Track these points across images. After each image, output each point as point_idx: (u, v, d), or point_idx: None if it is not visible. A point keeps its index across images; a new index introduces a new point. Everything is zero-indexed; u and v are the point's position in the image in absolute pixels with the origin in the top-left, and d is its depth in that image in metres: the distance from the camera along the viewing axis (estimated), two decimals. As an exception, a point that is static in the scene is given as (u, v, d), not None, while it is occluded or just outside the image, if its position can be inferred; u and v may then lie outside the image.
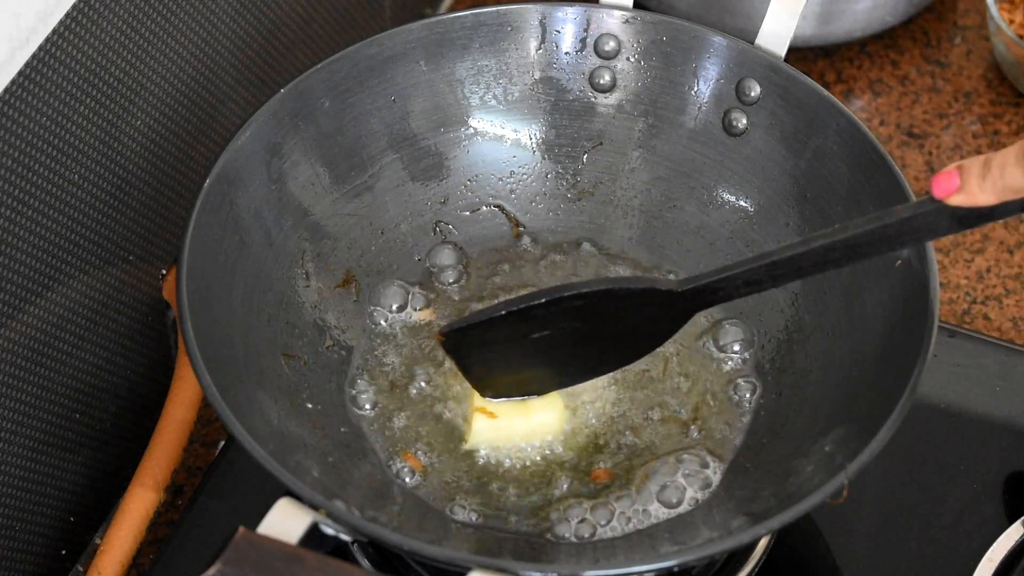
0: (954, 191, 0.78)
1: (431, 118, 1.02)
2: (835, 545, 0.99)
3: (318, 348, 0.96)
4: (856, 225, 0.82)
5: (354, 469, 0.91)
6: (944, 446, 1.02)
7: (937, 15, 1.31)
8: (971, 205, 0.78)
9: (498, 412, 0.93)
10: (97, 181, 0.97)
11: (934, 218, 0.80)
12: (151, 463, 1.02)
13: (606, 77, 1.02)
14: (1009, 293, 1.15)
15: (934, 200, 0.79)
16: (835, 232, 0.82)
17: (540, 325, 0.89)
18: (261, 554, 0.74)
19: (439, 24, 1.00)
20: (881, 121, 1.25)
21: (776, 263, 0.84)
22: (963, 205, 0.78)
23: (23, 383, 0.94)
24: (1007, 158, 0.76)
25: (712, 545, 0.82)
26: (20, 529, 0.97)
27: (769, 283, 0.85)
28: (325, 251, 0.99)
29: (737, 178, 1.00)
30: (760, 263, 0.84)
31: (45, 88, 0.90)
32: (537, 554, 0.88)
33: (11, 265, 0.91)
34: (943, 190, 0.78)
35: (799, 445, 0.90)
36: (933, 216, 0.80)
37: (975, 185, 0.77)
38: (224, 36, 1.05)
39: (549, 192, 1.04)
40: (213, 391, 0.83)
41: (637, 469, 0.92)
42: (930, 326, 0.86)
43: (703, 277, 0.86)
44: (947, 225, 0.80)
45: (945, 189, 0.78)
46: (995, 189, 0.77)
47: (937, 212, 0.79)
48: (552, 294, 0.88)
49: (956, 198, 0.78)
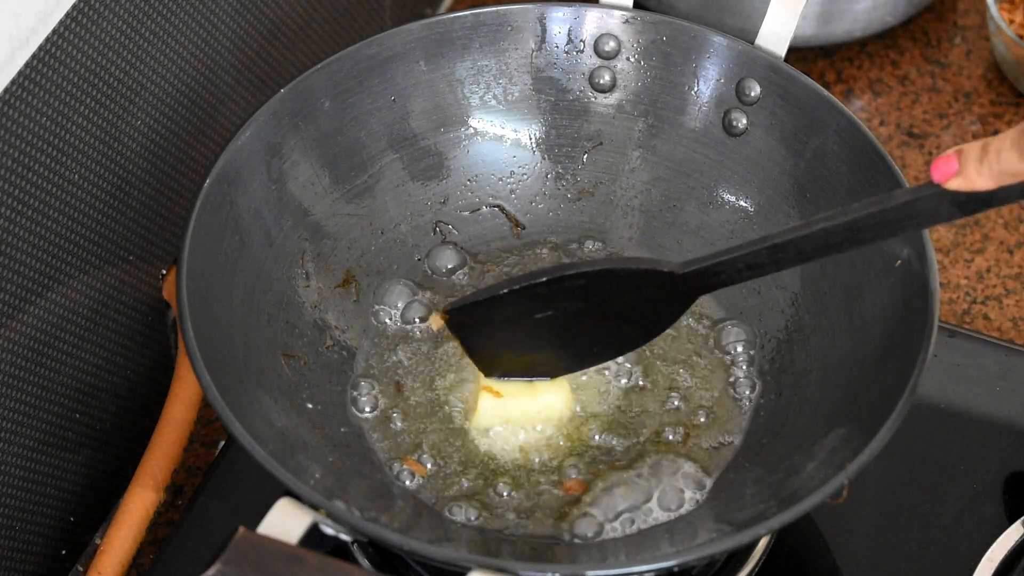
0: (952, 175, 0.78)
1: (431, 118, 1.02)
2: (835, 545, 0.99)
3: (318, 348, 0.96)
4: (856, 209, 0.82)
5: (354, 469, 0.91)
6: (944, 446, 1.02)
7: (937, 15, 1.31)
8: (969, 190, 0.78)
9: (504, 392, 0.93)
10: (97, 181, 0.97)
11: (934, 203, 0.80)
12: (151, 463, 1.02)
13: (606, 77, 1.02)
14: (1009, 293, 1.15)
15: (933, 184, 0.79)
16: (835, 215, 0.82)
17: (543, 304, 0.90)
18: (261, 554, 0.74)
19: (439, 24, 1.00)
20: (881, 121, 1.25)
21: (777, 246, 0.84)
22: (961, 190, 0.78)
23: (23, 383, 0.94)
24: (1003, 143, 0.76)
25: (712, 545, 0.82)
26: (20, 529, 0.97)
27: (771, 267, 0.86)
28: (325, 251, 0.99)
29: (737, 178, 1.00)
30: (761, 246, 0.85)
31: (45, 88, 0.90)
32: (537, 554, 0.88)
33: (11, 265, 0.91)
34: (942, 174, 0.78)
35: (799, 445, 0.90)
36: (933, 200, 0.80)
37: (972, 169, 0.77)
38: (224, 36, 1.05)
39: (549, 192, 1.04)
40: (213, 391, 0.83)
41: (637, 469, 0.92)
42: (930, 326, 0.86)
43: (704, 260, 0.87)
44: (947, 210, 0.80)
45: (944, 173, 0.78)
46: (992, 173, 0.77)
47: (936, 197, 0.79)
48: (554, 272, 0.89)
49: (954, 182, 0.78)
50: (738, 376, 0.96)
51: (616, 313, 0.91)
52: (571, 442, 0.94)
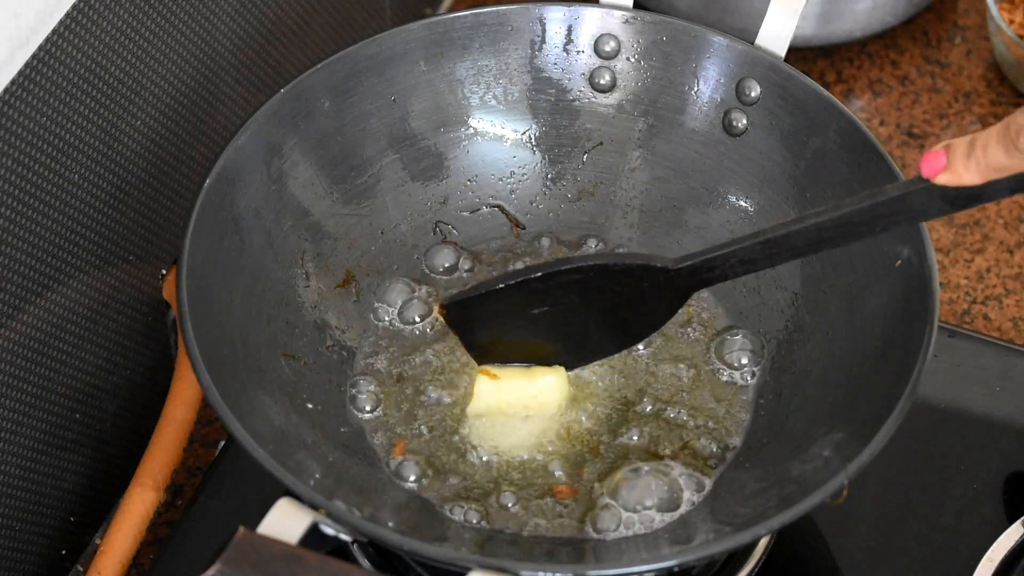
0: (940, 170, 0.79)
1: (431, 118, 1.02)
2: (835, 545, 0.99)
3: (318, 348, 0.96)
4: (848, 203, 0.82)
5: (354, 469, 0.91)
6: (944, 446, 1.02)
7: (937, 15, 1.31)
8: (958, 184, 0.78)
9: (501, 375, 0.94)
10: (97, 181, 0.97)
11: (924, 197, 0.80)
12: (151, 463, 1.02)
13: (606, 77, 1.02)
14: (1009, 293, 1.15)
15: (923, 179, 0.80)
16: (828, 210, 0.83)
17: (539, 300, 0.91)
18: (261, 554, 0.74)
19: (439, 24, 1.00)
20: (881, 121, 1.25)
21: (770, 241, 0.85)
22: (950, 184, 0.79)
23: (23, 383, 0.94)
24: (989, 138, 0.77)
25: (712, 545, 0.82)
26: (20, 529, 0.97)
27: (764, 262, 0.86)
28: (325, 251, 0.99)
29: (737, 178, 1.00)
30: (754, 241, 0.86)
31: (45, 88, 0.90)
32: (537, 554, 0.88)
33: (11, 265, 0.91)
34: (930, 169, 0.79)
35: (799, 445, 0.90)
36: (923, 195, 0.80)
37: (960, 164, 0.78)
38: (224, 36, 1.05)
39: (549, 192, 1.04)
40: (213, 391, 0.83)
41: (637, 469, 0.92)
42: (930, 326, 0.86)
43: (698, 255, 0.88)
44: (938, 205, 0.80)
45: (932, 167, 0.79)
46: (979, 168, 0.77)
47: (926, 191, 0.80)
48: (549, 268, 0.90)
49: (943, 177, 0.79)
50: (738, 376, 0.96)
51: (612, 309, 0.91)
52: (569, 442, 0.94)
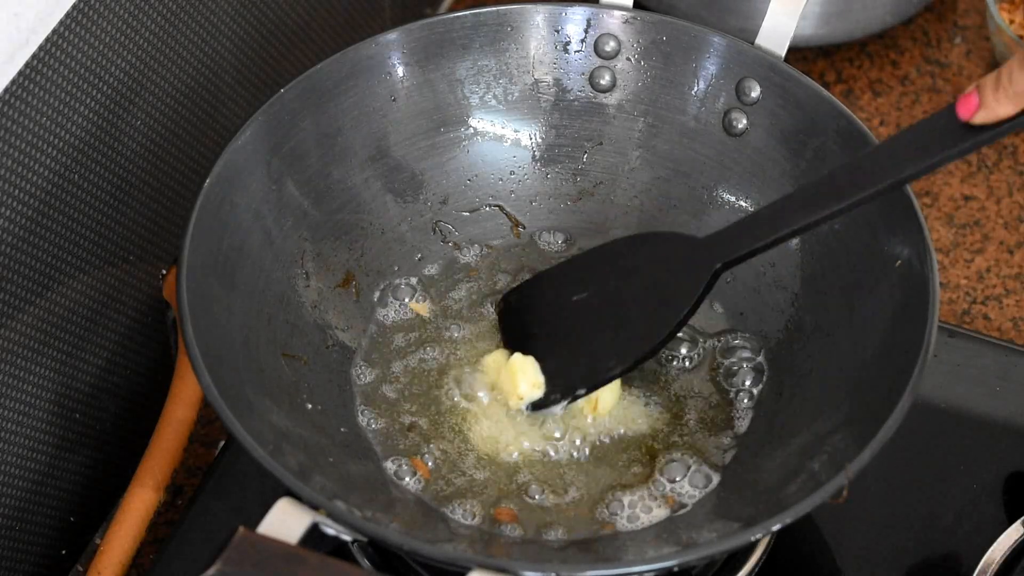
0: (975, 108, 0.82)
1: (431, 118, 1.02)
2: (835, 545, 0.99)
3: (318, 348, 0.96)
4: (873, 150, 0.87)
5: (354, 469, 0.91)
6: (944, 446, 1.02)
7: (937, 15, 1.31)
8: (995, 120, 0.82)
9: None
10: (97, 181, 0.97)
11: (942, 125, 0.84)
12: (151, 463, 1.02)
13: (606, 77, 1.02)
14: (1009, 293, 1.15)
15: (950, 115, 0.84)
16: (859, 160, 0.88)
17: (580, 284, 0.95)
18: (261, 554, 0.74)
19: (439, 24, 1.00)
20: (881, 121, 1.25)
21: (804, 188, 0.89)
22: (987, 122, 0.82)
23: (23, 383, 0.94)
24: (1012, 66, 0.81)
25: (712, 545, 0.82)
26: (20, 529, 0.97)
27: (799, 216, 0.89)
28: (325, 251, 0.99)
29: (737, 178, 1.00)
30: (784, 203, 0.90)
31: (45, 88, 0.90)
32: (537, 554, 0.88)
33: (11, 265, 0.91)
34: (966, 110, 0.83)
35: (799, 445, 0.90)
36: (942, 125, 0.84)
37: (991, 98, 0.82)
38: (224, 36, 1.05)
39: (549, 192, 1.04)
40: (213, 391, 0.83)
41: (636, 470, 0.92)
42: (930, 326, 0.86)
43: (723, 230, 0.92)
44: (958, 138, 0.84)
45: (968, 109, 0.83)
46: (1009, 97, 0.81)
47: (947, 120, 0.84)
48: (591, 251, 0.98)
49: (980, 115, 0.82)
50: (738, 376, 0.96)
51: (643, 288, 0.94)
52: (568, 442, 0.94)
